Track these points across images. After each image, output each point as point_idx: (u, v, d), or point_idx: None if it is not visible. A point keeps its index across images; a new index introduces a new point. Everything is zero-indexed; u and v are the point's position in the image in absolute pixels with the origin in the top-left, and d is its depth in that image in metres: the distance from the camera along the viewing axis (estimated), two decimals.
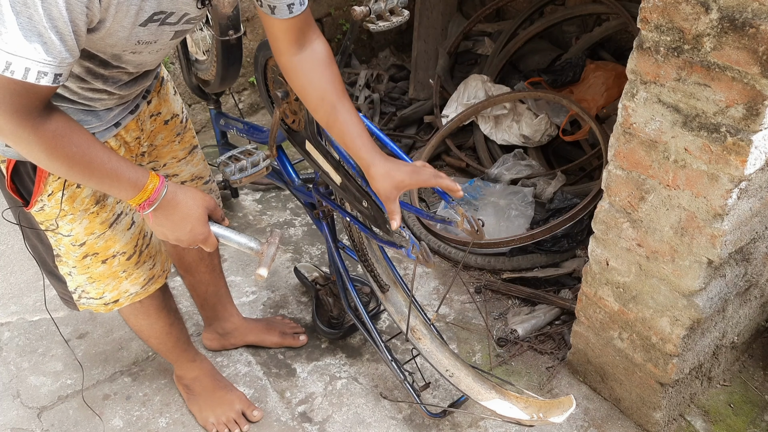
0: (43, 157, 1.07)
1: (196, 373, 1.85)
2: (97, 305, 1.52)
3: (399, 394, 1.91)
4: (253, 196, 2.80)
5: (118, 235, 1.44)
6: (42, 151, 1.06)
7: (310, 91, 1.34)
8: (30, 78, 0.95)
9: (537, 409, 1.54)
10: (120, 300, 1.53)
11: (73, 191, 1.33)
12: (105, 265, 1.45)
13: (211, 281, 1.93)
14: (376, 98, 3.25)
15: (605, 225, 1.63)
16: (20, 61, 0.93)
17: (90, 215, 1.38)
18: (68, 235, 1.38)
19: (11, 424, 1.85)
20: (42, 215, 1.34)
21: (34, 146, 1.05)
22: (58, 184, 1.30)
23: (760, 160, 1.30)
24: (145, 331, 1.69)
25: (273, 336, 2.05)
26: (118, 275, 1.48)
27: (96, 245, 1.41)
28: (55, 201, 1.32)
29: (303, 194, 1.93)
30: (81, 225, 1.37)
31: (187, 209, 1.24)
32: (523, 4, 3.15)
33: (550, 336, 2.09)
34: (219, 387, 1.85)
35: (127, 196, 1.18)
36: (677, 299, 1.54)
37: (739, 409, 1.86)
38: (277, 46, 1.34)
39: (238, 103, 3.31)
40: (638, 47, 1.37)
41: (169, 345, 1.74)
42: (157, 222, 1.24)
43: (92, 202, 1.37)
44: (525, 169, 2.65)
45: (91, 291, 1.49)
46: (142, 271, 1.52)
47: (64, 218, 1.35)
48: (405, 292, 1.86)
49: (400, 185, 1.29)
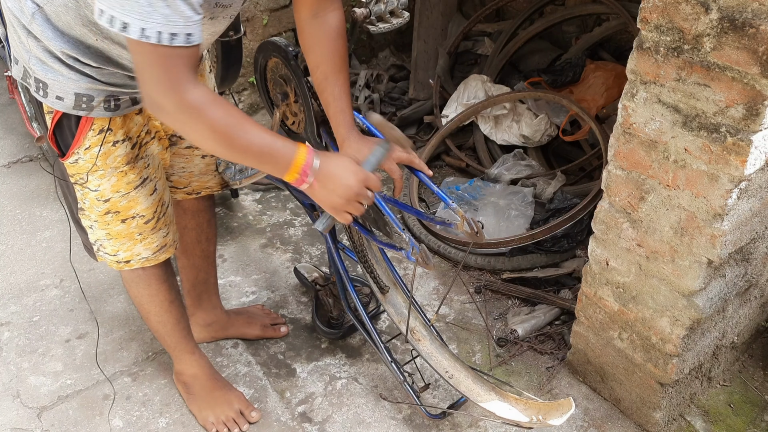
0: (208, 134, 1.16)
1: (195, 370, 1.85)
2: (111, 261, 1.59)
3: (399, 395, 1.91)
4: (253, 196, 2.80)
5: (141, 198, 1.50)
6: (203, 127, 1.15)
7: (310, 56, 1.45)
8: (164, 40, 1.03)
9: (536, 411, 1.54)
10: (131, 261, 1.58)
11: (108, 148, 1.40)
12: (124, 225, 1.51)
13: (203, 267, 1.96)
14: (376, 98, 3.25)
15: (605, 225, 1.63)
16: (151, 24, 1.02)
17: (119, 173, 1.44)
18: (95, 190, 1.45)
19: (11, 424, 1.85)
20: (75, 168, 1.42)
21: (193, 123, 1.14)
22: (97, 140, 1.38)
23: (760, 160, 1.30)
24: (145, 304, 1.70)
25: (254, 329, 2.09)
26: (134, 237, 1.54)
27: (119, 203, 1.48)
28: (90, 155, 1.39)
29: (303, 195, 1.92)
30: (109, 182, 1.44)
31: (341, 180, 1.28)
32: (523, 4, 3.15)
33: (550, 336, 2.09)
34: (218, 387, 1.86)
35: (281, 173, 1.25)
36: (677, 299, 1.54)
37: (739, 409, 1.86)
38: (296, 4, 1.44)
39: (238, 104, 3.31)
40: (638, 47, 1.37)
41: (168, 326, 1.75)
42: (313, 192, 1.30)
43: (123, 162, 1.44)
44: (525, 169, 2.65)
45: (107, 246, 1.56)
46: (156, 237, 1.57)
47: (95, 173, 1.42)
48: (405, 293, 1.85)
49: None
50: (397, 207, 1.62)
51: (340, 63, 1.44)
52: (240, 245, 2.53)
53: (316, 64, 1.44)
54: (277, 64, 1.65)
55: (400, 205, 1.62)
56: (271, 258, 2.47)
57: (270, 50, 1.64)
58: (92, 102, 1.33)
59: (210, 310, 2.04)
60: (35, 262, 2.42)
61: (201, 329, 2.05)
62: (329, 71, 1.43)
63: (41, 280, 2.33)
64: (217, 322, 2.06)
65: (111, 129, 1.39)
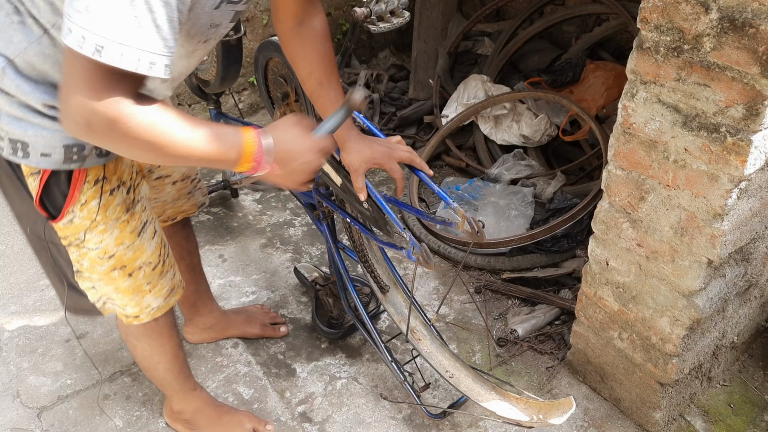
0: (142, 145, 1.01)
1: (197, 404, 1.76)
2: (121, 314, 1.49)
3: (399, 395, 1.91)
4: (253, 196, 2.80)
5: (146, 245, 1.40)
6: (139, 138, 1.00)
7: (300, 64, 1.41)
8: (142, 69, 0.93)
9: (537, 410, 1.54)
10: (140, 316, 1.48)
11: (106, 199, 1.28)
12: (131, 279, 1.41)
13: (191, 279, 1.93)
14: (376, 98, 3.25)
15: (605, 225, 1.63)
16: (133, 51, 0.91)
17: (121, 224, 1.33)
18: (96, 248, 1.32)
19: (11, 424, 1.85)
20: (68, 229, 1.28)
21: (132, 134, 0.99)
22: (93, 192, 1.26)
23: (759, 160, 1.30)
24: (155, 356, 1.60)
25: (254, 328, 2.09)
26: (141, 289, 1.44)
27: (125, 257, 1.37)
28: (87, 211, 1.27)
29: (303, 195, 1.93)
30: (112, 235, 1.33)
31: (300, 158, 1.15)
32: (523, 4, 3.15)
33: (549, 336, 2.09)
34: (224, 412, 1.78)
35: (233, 166, 1.11)
36: (677, 299, 1.54)
37: (739, 409, 1.86)
38: (277, 14, 1.37)
39: (238, 103, 3.31)
40: (638, 47, 1.37)
41: (175, 370, 1.66)
42: (272, 177, 1.17)
43: (123, 210, 1.33)
44: (525, 169, 2.66)
45: (116, 299, 1.45)
46: (165, 282, 1.49)
47: (95, 229, 1.29)
48: (405, 293, 1.86)
49: (369, 160, 1.44)
50: (398, 206, 1.62)
51: (332, 66, 1.41)
52: (240, 245, 2.53)
53: (309, 71, 1.40)
54: (277, 64, 1.66)
55: (401, 204, 1.62)
56: (271, 258, 2.47)
57: (270, 50, 1.64)
58: (83, 151, 1.19)
59: (208, 314, 2.04)
60: (35, 262, 2.40)
61: (202, 332, 2.05)
62: (323, 76, 1.40)
63: (41, 280, 2.33)
64: (217, 324, 2.06)
65: (106, 177, 1.27)
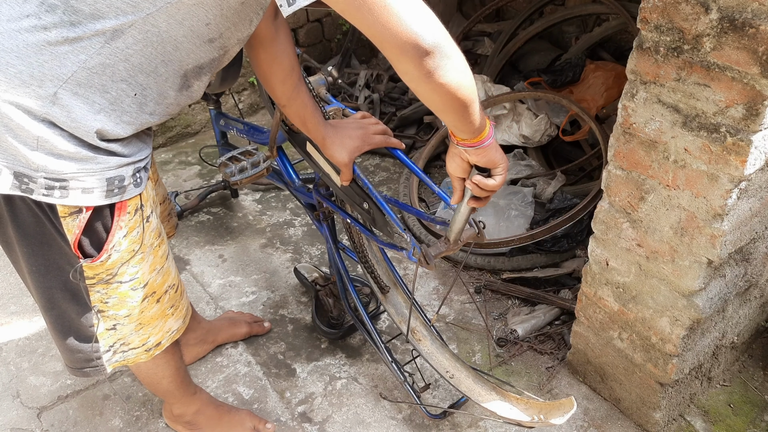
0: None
1: (197, 406, 1.76)
2: (137, 355, 1.41)
3: (399, 395, 1.91)
4: (253, 197, 2.80)
5: (170, 266, 1.38)
6: None
7: (283, 60, 1.36)
8: None
9: (538, 410, 1.54)
10: (162, 342, 1.43)
11: (144, 226, 1.23)
12: (158, 305, 1.36)
13: None
14: (376, 98, 3.25)
15: (605, 225, 1.63)
16: None
17: (155, 249, 1.29)
18: (130, 280, 1.26)
19: (11, 424, 1.85)
20: (101, 266, 1.20)
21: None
22: (135, 221, 1.20)
23: (759, 160, 1.30)
24: (159, 372, 1.56)
25: (241, 328, 2.10)
26: (165, 313, 1.40)
27: (155, 282, 1.33)
28: (129, 241, 1.20)
29: (303, 195, 1.93)
30: (147, 263, 1.28)
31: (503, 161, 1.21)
32: (523, 4, 3.15)
33: (549, 336, 2.09)
34: (224, 412, 1.79)
35: (470, 133, 1.13)
36: (677, 299, 1.54)
37: (738, 409, 1.86)
38: (250, 41, 1.35)
39: (238, 104, 3.31)
40: (638, 47, 1.37)
41: (179, 379, 1.63)
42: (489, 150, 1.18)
43: (156, 235, 1.29)
44: (525, 169, 2.66)
45: (134, 340, 1.37)
46: (184, 301, 1.47)
47: (132, 260, 1.23)
48: (405, 293, 1.86)
49: (355, 150, 1.48)
50: (398, 207, 1.62)
51: (299, 68, 1.40)
52: (240, 245, 2.53)
53: (282, 79, 1.37)
54: None
55: (401, 204, 1.62)
56: (271, 258, 2.47)
57: None
58: (123, 182, 1.14)
59: (196, 328, 2.02)
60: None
61: (194, 347, 2.03)
62: (296, 79, 1.39)
63: None
64: (207, 335, 2.04)
65: (143, 204, 1.21)
